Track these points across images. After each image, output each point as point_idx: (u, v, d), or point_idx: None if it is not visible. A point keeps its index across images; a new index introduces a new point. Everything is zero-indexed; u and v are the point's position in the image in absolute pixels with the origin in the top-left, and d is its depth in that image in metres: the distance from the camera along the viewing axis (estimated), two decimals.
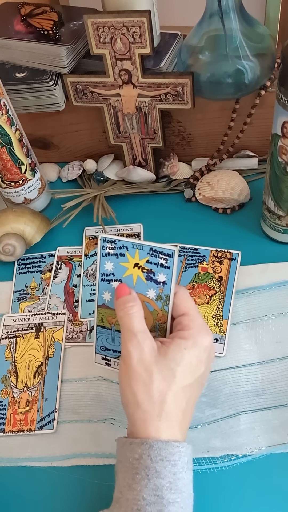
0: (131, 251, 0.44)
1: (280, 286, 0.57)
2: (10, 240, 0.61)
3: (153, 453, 0.35)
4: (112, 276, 0.44)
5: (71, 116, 0.68)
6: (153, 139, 0.65)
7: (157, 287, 0.42)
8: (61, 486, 0.47)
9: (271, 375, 0.50)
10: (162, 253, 0.42)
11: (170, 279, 0.41)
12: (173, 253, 0.41)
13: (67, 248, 0.65)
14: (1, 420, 0.51)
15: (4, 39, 0.61)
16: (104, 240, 0.44)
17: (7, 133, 0.58)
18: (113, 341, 0.46)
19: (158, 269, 0.42)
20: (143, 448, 0.35)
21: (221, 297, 0.56)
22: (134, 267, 0.43)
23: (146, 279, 0.43)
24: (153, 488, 0.34)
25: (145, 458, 0.35)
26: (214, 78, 0.56)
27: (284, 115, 0.46)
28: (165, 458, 0.35)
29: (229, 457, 0.46)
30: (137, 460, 0.35)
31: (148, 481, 0.34)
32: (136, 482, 0.35)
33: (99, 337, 0.46)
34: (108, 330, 0.46)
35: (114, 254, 0.44)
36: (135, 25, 0.52)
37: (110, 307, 0.45)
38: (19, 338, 0.57)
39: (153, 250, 0.42)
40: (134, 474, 0.35)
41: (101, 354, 0.46)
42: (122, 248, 0.44)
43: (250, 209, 0.66)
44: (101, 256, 0.45)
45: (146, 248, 0.43)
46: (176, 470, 0.35)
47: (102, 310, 0.45)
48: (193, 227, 0.65)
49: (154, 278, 0.42)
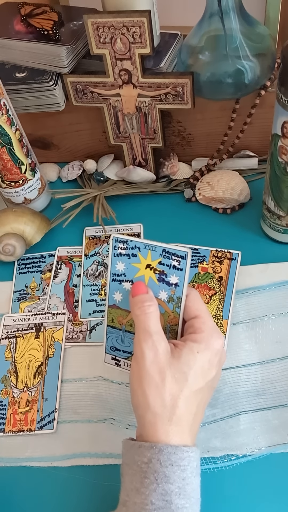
0: (143, 252, 0.43)
1: (280, 286, 0.57)
2: (10, 240, 0.61)
3: (162, 457, 0.35)
4: (124, 276, 0.44)
5: (71, 116, 0.68)
6: (153, 139, 0.65)
7: (169, 289, 0.42)
8: (61, 486, 0.47)
9: (271, 375, 0.50)
10: (175, 255, 0.41)
11: (182, 281, 0.41)
12: (187, 255, 0.41)
13: (67, 248, 0.65)
14: (1, 420, 0.51)
15: (4, 39, 0.61)
16: (116, 240, 0.44)
17: (7, 133, 0.58)
18: (123, 341, 0.45)
19: (170, 271, 0.42)
20: (153, 452, 0.35)
21: (221, 297, 0.56)
22: (146, 268, 0.43)
23: (158, 281, 0.42)
24: (162, 493, 0.34)
25: (154, 463, 0.34)
26: (214, 78, 0.56)
27: (284, 115, 0.46)
28: (174, 463, 0.35)
29: (229, 457, 0.46)
30: (146, 464, 0.35)
31: (157, 485, 0.34)
32: (145, 486, 0.34)
33: (109, 337, 0.46)
34: (118, 330, 0.45)
35: (126, 255, 0.44)
36: (135, 25, 0.52)
37: (121, 307, 0.45)
38: (19, 338, 0.57)
39: (166, 251, 0.42)
40: (142, 478, 0.35)
41: (111, 354, 0.46)
42: (134, 249, 0.43)
43: (250, 209, 0.66)
44: (113, 256, 0.44)
45: (158, 250, 0.42)
46: (185, 475, 0.35)
47: (113, 310, 0.45)
48: (193, 227, 0.65)
49: (166, 280, 0.42)
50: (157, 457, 0.35)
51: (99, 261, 0.63)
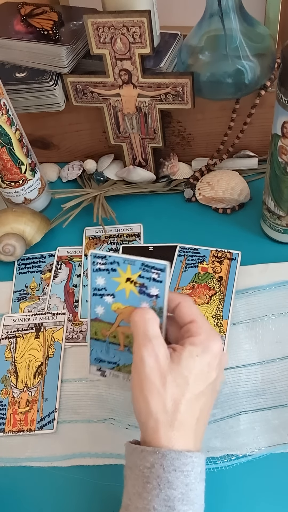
0: (122, 266, 0.44)
1: (280, 286, 0.57)
2: (10, 240, 0.61)
3: (165, 462, 0.34)
4: (104, 290, 0.45)
5: (71, 116, 0.68)
6: (153, 139, 0.65)
7: (151, 300, 0.43)
8: (61, 486, 0.47)
9: (271, 375, 0.50)
10: (154, 268, 0.43)
11: (163, 292, 0.42)
12: (165, 268, 0.42)
13: (67, 248, 0.65)
14: (1, 420, 0.51)
15: (4, 39, 0.61)
16: (95, 256, 0.45)
17: (7, 133, 0.58)
18: (107, 352, 0.46)
19: (150, 283, 0.43)
20: (156, 457, 0.34)
21: (221, 297, 0.56)
22: (126, 281, 0.44)
23: (139, 293, 0.43)
24: (165, 499, 0.34)
25: (157, 468, 0.34)
26: (214, 78, 0.56)
27: (284, 115, 0.46)
28: (178, 469, 0.34)
29: (229, 457, 0.46)
30: (148, 469, 0.35)
31: (159, 491, 0.34)
32: (147, 491, 0.34)
33: (93, 350, 0.46)
34: (102, 342, 0.46)
35: (106, 270, 0.45)
36: (135, 25, 0.52)
37: (103, 320, 0.45)
38: (19, 338, 0.57)
39: (144, 265, 0.43)
40: (144, 482, 0.35)
41: (96, 365, 0.46)
42: (114, 264, 0.45)
43: (250, 209, 0.66)
44: (92, 272, 0.45)
45: (137, 263, 0.43)
46: (188, 481, 0.35)
47: (96, 323, 0.46)
48: (193, 227, 0.65)
49: (146, 292, 0.43)
50: (160, 462, 0.34)
51: None
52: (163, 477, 0.34)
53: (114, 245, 0.64)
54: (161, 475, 0.34)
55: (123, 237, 0.65)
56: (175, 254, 0.61)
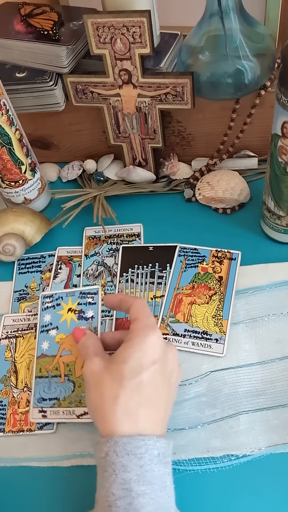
0: (65, 299, 0.53)
1: (280, 286, 0.57)
2: (10, 240, 0.61)
3: (118, 448, 0.36)
4: (50, 325, 0.52)
5: (71, 116, 0.68)
6: (153, 139, 0.65)
7: (87, 323, 0.50)
8: (61, 486, 0.47)
9: (271, 375, 0.50)
10: (89, 293, 0.52)
11: (96, 312, 0.50)
12: (98, 291, 0.52)
13: (67, 248, 0.65)
14: (1, 420, 0.51)
15: (4, 39, 0.61)
16: (44, 297, 0.54)
17: (7, 133, 0.58)
18: (49, 389, 0.50)
19: (86, 307, 0.51)
20: (109, 445, 0.37)
21: (221, 297, 0.56)
22: (68, 312, 0.52)
23: (77, 319, 0.51)
24: (121, 482, 0.35)
25: (111, 455, 0.36)
26: (214, 78, 0.56)
27: (284, 115, 0.46)
28: (130, 452, 0.36)
29: (229, 457, 0.46)
30: (103, 458, 0.37)
31: (115, 476, 0.36)
32: (105, 479, 0.36)
33: (36, 390, 0.50)
34: (45, 378, 0.50)
35: (52, 306, 0.53)
36: (135, 25, 0.52)
37: (48, 354, 0.51)
38: (19, 338, 0.57)
39: (82, 293, 0.52)
40: (102, 472, 0.37)
41: (38, 407, 0.50)
42: (58, 299, 0.53)
43: (250, 209, 0.66)
44: (41, 311, 0.53)
45: (76, 293, 0.52)
46: (142, 462, 0.36)
47: (41, 360, 0.51)
48: (193, 227, 0.65)
49: (84, 316, 0.51)
50: (113, 449, 0.36)
51: (99, 261, 0.63)
52: (117, 463, 0.36)
53: (114, 245, 0.64)
54: (115, 461, 0.36)
55: (123, 237, 0.65)
56: (175, 254, 0.61)
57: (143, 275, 0.60)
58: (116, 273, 0.61)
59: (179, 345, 0.53)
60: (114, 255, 0.63)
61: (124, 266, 0.61)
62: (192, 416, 0.49)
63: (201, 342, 0.53)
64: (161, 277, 0.59)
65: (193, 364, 0.52)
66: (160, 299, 0.57)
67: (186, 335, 0.54)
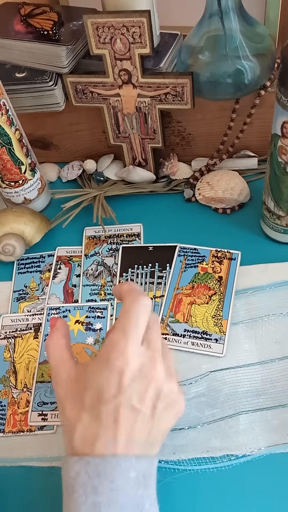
0: (73, 312, 0.56)
1: (280, 286, 0.57)
2: (10, 240, 0.61)
3: (90, 469, 0.34)
4: None
5: (71, 116, 0.68)
6: (153, 139, 0.65)
7: (95, 333, 0.53)
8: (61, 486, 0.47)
9: (270, 375, 0.50)
10: (99, 308, 0.56)
11: (105, 325, 0.54)
12: (107, 306, 0.56)
13: (66, 248, 0.65)
14: (1, 421, 0.51)
15: (4, 39, 0.61)
16: (50, 309, 0.57)
17: (7, 133, 0.58)
18: (51, 393, 0.51)
19: (95, 320, 0.55)
20: (81, 464, 0.34)
21: (221, 297, 0.56)
22: (75, 323, 0.55)
23: (85, 330, 0.54)
24: (91, 505, 0.33)
25: (83, 476, 0.34)
26: (214, 78, 0.56)
27: (284, 115, 0.46)
28: (101, 474, 0.34)
29: (229, 457, 0.46)
30: (74, 479, 0.34)
31: (85, 498, 0.33)
32: (75, 501, 0.34)
33: (37, 394, 0.51)
34: (47, 383, 0.52)
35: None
36: (135, 25, 0.52)
37: None
38: (17, 339, 0.57)
39: (91, 307, 0.56)
40: (72, 493, 0.34)
41: (37, 411, 0.50)
42: (65, 311, 0.56)
43: (250, 209, 0.65)
44: (46, 321, 0.56)
45: (85, 308, 0.56)
46: (114, 486, 0.33)
47: (43, 366, 0.53)
48: (193, 227, 0.65)
49: (92, 328, 0.54)
50: (85, 469, 0.34)
51: (99, 261, 0.63)
52: (88, 484, 0.34)
53: (114, 245, 0.64)
54: (86, 483, 0.34)
55: (123, 237, 0.65)
56: (175, 254, 0.61)
57: (143, 275, 0.60)
58: (116, 273, 0.61)
59: (179, 345, 0.53)
60: (114, 255, 0.63)
61: (124, 266, 0.61)
62: (192, 416, 0.49)
63: (201, 342, 0.53)
64: (160, 277, 0.59)
65: (192, 364, 0.52)
66: (160, 299, 0.57)
67: (185, 335, 0.54)
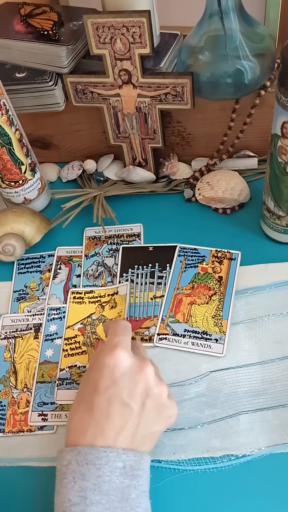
0: None
1: (280, 286, 0.57)
2: (10, 240, 0.61)
3: (80, 458, 0.38)
4: (56, 335, 0.56)
5: (71, 116, 0.68)
6: (153, 139, 0.65)
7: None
8: None
9: (271, 375, 0.50)
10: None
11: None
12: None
13: (66, 248, 0.65)
14: (1, 421, 0.51)
15: (4, 39, 0.61)
16: (50, 309, 0.58)
17: (7, 133, 0.58)
18: (52, 393, 0.51)
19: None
20: (72, 454, 0.38)
21: (221, 297, 0.56)
22: None
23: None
24: (78, 490, 0.37)
25: (73, 464, 0.38)
26: (214, 78, 0.56)
27: (283, 115, 0.46)
28: (90, 462, 0.38)
29: (229, 457, 0.46)
30: (65, 466, 0.38)
31: (74, 483, 0.37)
32: (64, 486, 0.37)
33: (37, 394, 0.52)
34: (48, 383, 0.52)
35: (58, 318, 0.57)
36: (135, 25, 0.52)
37: (51, 361, 0.53)
38: (18, 339, 0.57)
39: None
40: (62, 479, 0.38)
41: (37, 411, 0.51)
42: (65, 312, 0.57)
43: (250, 209, 0.65)
44: (47, 322, 0.57)
45: None
46: (101, 473, 0.37)
47: (43, 366, 0.53)
48: (193, 227, 0.65)
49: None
50: (76, 458, 0.38)
51: (99, 261, 0.62)
52: (77, 471, 0.38)
53: (114, 245, 0.64)
54: (75, 469, 0.38)
55: (123, 237, 0.65)
56: (175, 254, 0.61)
57: (143, 275, 0.60)
58: (116, 273, 0.61)
59: (179, 345, 0.53)
60: (114, 255, 0.63)
61: (124, 266, 0.61)
62: (192, 416, 0.49)
63: (201, 342, 0.53)
64: (161, 277, 0.59)
65: (192, 364, 0.52)
66: (160, 299, 0.57)
67: (186, 335, 0.54)
